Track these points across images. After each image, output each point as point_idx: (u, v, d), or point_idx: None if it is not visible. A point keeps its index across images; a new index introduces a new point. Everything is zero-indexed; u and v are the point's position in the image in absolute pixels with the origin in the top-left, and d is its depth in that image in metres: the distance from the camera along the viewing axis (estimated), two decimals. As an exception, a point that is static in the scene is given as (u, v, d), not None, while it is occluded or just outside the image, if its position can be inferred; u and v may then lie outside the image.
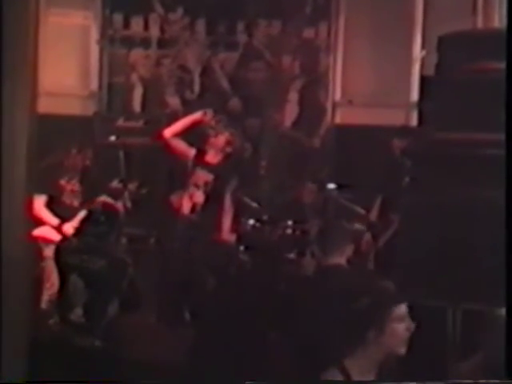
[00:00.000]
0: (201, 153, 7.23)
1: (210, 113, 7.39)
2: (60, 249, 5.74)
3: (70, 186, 7.09)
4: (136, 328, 5.63)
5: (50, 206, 6.96)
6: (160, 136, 7.39)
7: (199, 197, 7.10)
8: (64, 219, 6.94)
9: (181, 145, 7.30)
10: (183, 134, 7.34)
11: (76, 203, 7.09)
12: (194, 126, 7.37)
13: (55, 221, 6.96)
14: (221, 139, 7.19)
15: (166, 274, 7.08)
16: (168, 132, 7.34)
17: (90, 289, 5.17)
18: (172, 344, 6.07)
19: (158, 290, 6.94)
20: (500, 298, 3.98)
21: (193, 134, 7.45)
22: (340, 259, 4.48)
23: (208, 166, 7.17)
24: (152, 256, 7.38)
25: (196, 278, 6.83)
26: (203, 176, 7.13)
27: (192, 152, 7.24)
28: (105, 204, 6.19)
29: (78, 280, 5.25)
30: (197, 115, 7.38)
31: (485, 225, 5.36)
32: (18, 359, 3.58)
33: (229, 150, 7.16)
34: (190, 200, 7.11)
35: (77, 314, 5.15)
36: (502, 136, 4.43)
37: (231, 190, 7.16)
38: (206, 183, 7.11)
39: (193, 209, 7.09)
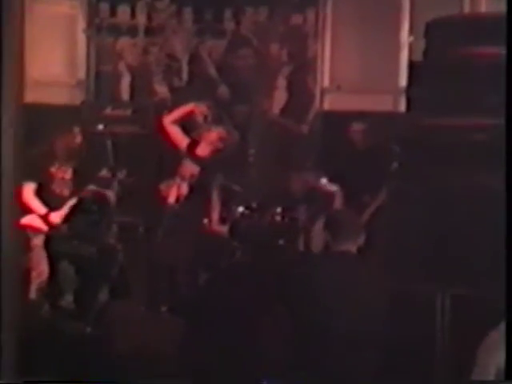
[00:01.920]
0: (192, 144, 7.22)
1: (208, 106, 7.37)
2: (50, 236, 5.74)
3: (61, 173, 7.05)
4: (125, 316, 5.64)
5: (40, 194, 6.93)
6: (160, 122, 7.35)
7: (184, 188, 7.10)
8: (52, 208, 6.92)
9: (177, 133, 7.28)
10: (179, 122, 7.33)
11: (66, 192, 7.05)
12: (190, 116, 7.35)
13: (43, 209, 6.93)
14: (213, 134, 7.17)
15: (153, 263, 7.09)
16: (168, 118, 7.32)
17: (81, 275, 5.18)
18: (158, 333, 6.09)
19: (145, 279, 6.95)
20: (495, 285, 3.98)
21: (186, 125, 7.43)
22: (351, 247, 4.51)
23: (196, 159, 7.16)
24: (140, 244, 7.39)
25: (183, 267, 6.85)
26: (190, 168, 7.12)
27: (185, 142, 7.23)
28: (95, 192, 6.18)
29: (68, 267, 5.26)
30: (198, 107, 7.34)
31: (474, 210, 5.39)
32: (10, 350, 3.58)
33: (220, 145, 7.14)
34: (176, 190, 7.11)
35: (67, 300, 5.16)
36: (489, 121, 4.44)
37: (217, 185, 7.14)
38: (191, 175, 7.10)
39: (177, 199, 7.09)
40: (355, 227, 4.60)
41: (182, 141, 7.24)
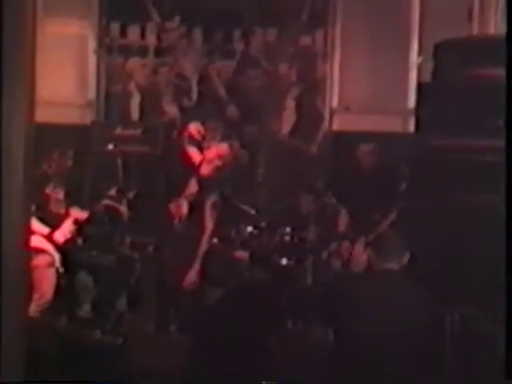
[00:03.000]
0: (199, 163, 7.21)
1: (197, 125, 7.34)
2: (66, 249, 5.73)
3: (55, 194, 7.11)
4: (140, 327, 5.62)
5: (38, 214, 6.97)
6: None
7: (184, 207, 7.07)
8: (52, 227, 6.97)
9: (193, 152, 7.26)
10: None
11: (62, 211, 7.11)
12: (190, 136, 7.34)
13: (45, 229, 6.97)
14: (212, 151, 7.11)
15: (161, 281, 7.08)
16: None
17: (99, 285, 5.18)
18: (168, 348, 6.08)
19: (154, 297, 6.95)
20: (499, 303, 3.99)
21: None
22: (395, 265, 4.55)
23: (199, 178, 7.12)
24: (150, 263, 7.39)
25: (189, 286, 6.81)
26: (192, 187, 7.10)
27: (198, 159, 7.20)
28: (107, 206, 6.20)
29: (86, 277, 5.26)
30: (193, 126, 7.32)
31: (482, 230, 5.37)
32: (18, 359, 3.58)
33: (218, 163, 7.03)
34: (178, 210, 7.09)
35: (85, 310, 5.17)
36: (498, 142, 4.43)
37: (210, 203, 7.04)
38: (191, 194, 7.07)
39: (179, 218, 7.08)
40: (399, 246, 4.64)
41: (196, 158, 7.23)
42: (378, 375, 4.24)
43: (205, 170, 7.10)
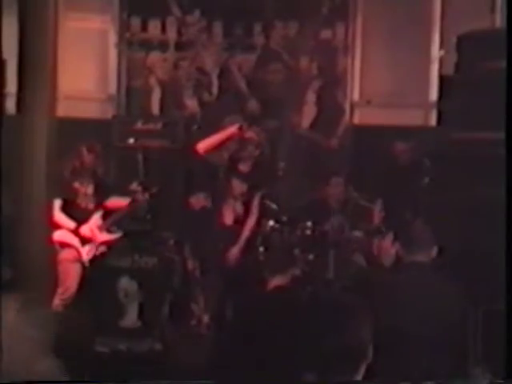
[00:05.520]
0: (233, 161, 7.19)
1: (244, 126, 7.30)
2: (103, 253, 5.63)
3: (84, 188, 7.13)
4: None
5: (65, 209, 7.01)
6: (195, 151, 7.24)
7: (239, 208, 7.09)
8: (79, 222, 7.00)
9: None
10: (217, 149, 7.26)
11: (91, 206, 7.14)
12: (229, 140, 7.28)
13: (72, 224, 6.99)
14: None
15: (186, 276, 7.06)
16: (201, 148, 7.22)
17: (144, 289, 5.08)
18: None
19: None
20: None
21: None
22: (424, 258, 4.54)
23: (241, 175, 7.11)
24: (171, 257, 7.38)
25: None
26: (239, 186, 7.06)
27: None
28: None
29: (130, 282, 5.17)
30: (231, 130, 7.27)
31: (504, 224, 5.33)
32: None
33: (256, 152, 7.11)
34: (232, 211, 7.08)
35: (131, 319, 5.04)
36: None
37: (259, 197, 7.10)
38: (242, 194, 7.06)
39: (236, 220, 7.07)
40: (428, 238, 4.63)
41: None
42: (403, 368, 4.21)
43: (245, 166, 7.05)
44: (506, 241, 3.60)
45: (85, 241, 6.98)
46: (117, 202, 7.22)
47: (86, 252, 6.95)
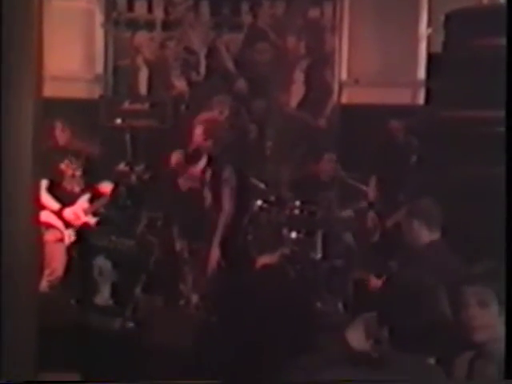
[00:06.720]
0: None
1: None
2: (84, 232, 5.69)
3: (71, 170, 7.08)
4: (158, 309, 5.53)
5: (52, 190, 6.97)
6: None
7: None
8: (64, 204, 6.97)
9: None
10: None
11: (77, 189, 7.09)
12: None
13: (56, 205, 6.97)
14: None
15: (172, 257, 7.05)
16: None
17: (118, 270, 5.14)
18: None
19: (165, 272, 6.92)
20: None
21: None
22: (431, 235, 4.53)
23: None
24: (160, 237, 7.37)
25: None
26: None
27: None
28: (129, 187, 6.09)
29: (105, 262, 5.23)
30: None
31: (492, 202, 5.34)
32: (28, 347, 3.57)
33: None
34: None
35: (103, 297, 5.12)
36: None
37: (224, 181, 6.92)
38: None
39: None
40: (435, 216, 4.63)
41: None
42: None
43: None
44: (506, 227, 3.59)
45: (68, 224, 6.96)
46: (106, 187, 7.18)
47: (68, 236, 6.93)
